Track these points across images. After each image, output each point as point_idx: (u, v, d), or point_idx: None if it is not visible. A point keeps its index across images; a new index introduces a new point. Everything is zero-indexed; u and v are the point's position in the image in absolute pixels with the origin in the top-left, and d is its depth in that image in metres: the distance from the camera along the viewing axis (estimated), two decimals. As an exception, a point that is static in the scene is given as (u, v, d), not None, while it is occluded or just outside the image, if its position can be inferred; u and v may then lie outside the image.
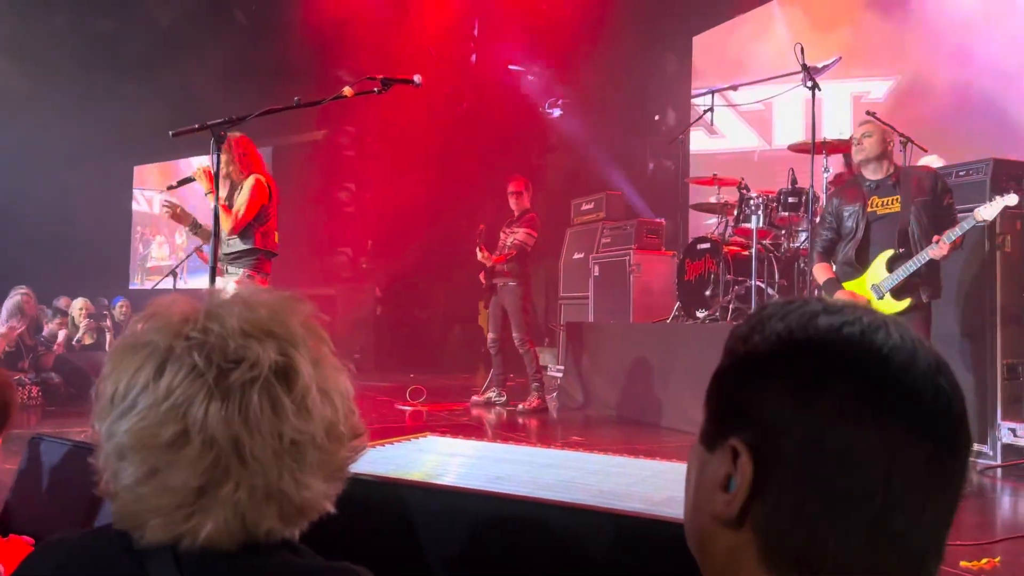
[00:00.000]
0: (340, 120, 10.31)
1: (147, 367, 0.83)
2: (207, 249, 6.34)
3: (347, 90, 3.66)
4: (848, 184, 4.39)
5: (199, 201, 4.78)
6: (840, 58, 6.09)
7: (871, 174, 4.17)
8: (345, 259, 10.61)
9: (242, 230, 4.52)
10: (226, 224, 4.48)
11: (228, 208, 4.54)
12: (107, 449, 0.84)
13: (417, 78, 3.70)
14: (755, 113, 8.49)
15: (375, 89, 3.67)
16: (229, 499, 0.81)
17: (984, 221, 3.89)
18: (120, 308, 9.29)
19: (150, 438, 0.81)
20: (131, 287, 12.39)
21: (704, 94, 6.83)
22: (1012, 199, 3.81)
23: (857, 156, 4.25)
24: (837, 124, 6.88)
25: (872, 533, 0.65)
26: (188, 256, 7.17)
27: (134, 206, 13.13)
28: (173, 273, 7.04)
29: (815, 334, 0.69)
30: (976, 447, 4.45)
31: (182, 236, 11.85)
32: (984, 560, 2.75)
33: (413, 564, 1.45)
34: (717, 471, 0.70)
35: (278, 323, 0.87)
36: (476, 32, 10.12)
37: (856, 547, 0.65)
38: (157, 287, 8.40)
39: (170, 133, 3.53)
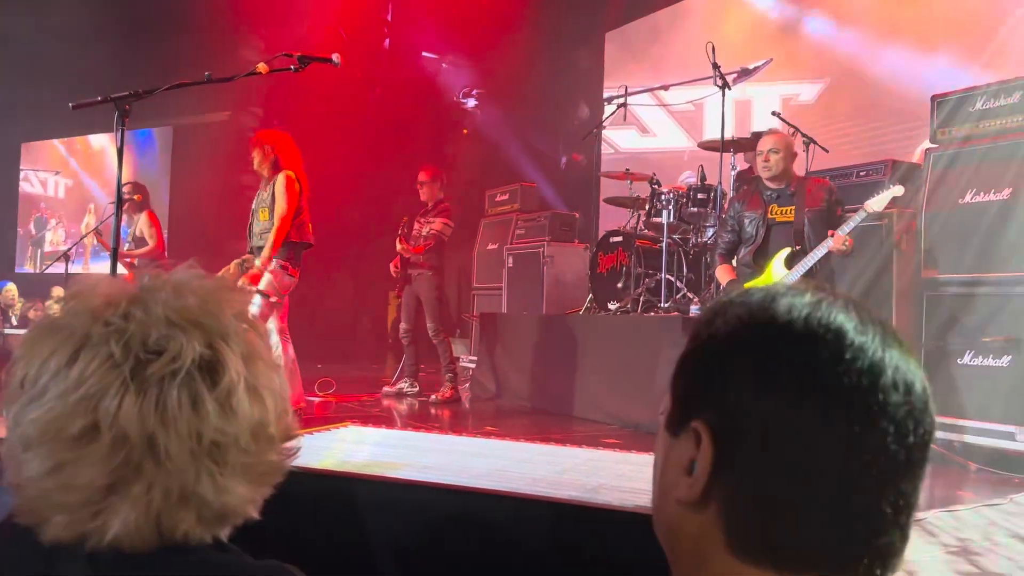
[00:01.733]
0: (246, 101, 9.97)
1: (61, 352, 0.76)
2: (127, 244, 6.13)
3: (262, 66, 3.55)
4: (750, 191, 4.62)
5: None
6: (771, 60, 6.28)
7: (772, 184, 4.45)
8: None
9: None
10: (272, 231, 4.79)
11: (265, 207, 4.90)
12: (12, 438, 0.76)
13: (336, 57, 3.61)
14: (686, 113, 8.66)
15: (291, 67, 3.57)
16: (141, 500, 0.75)
17: (874, 212, 4.21)
18: (7, 292, 8.77)
19: (57, 430, 0.74)
20: (19, 271, 11.68)
21: (617, 98, 6.91)
22: (899, 190, 4.18)
23: (764, 172, 4.48)
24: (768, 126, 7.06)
25: (831, 513, 0.65)
26: (82, 238, 6.81)
27: (25, 187, 12.37)
28: (66, 256, 6.66)
29: (775, 316, 0.70)
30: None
31: (91, 215, 11.26)
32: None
33: (344, 555, 1.39)
34: (682, 456, 0.70)
35: (208, 313, 0.80)
36: (390, 17, 9.96)
37: (816, 527, 0.65)
38: (46, 271, 7.94)
39: (70, 105, 3.32)
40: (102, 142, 11.29)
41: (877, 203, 4.18)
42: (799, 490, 0.65)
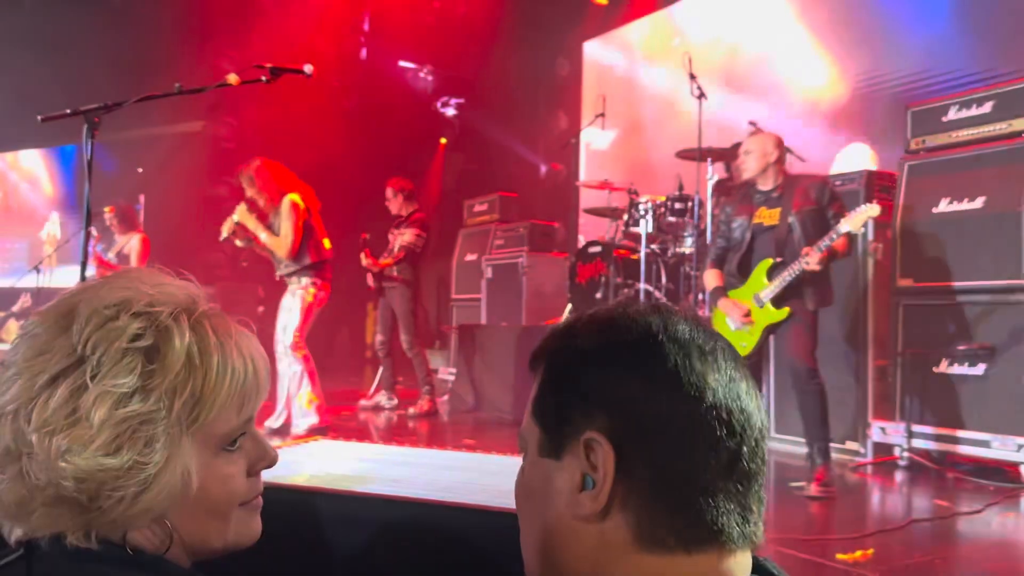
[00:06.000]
0: (220, 111, 9.89)
1: None
2: (98, 248, 6.08)
3: (232, 78, 3.49)
4: (740, 194, 4.39)
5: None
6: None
7: (761, 186, 4.17)
8: (224, 256, 10.15)
9: (297, 251, 4.95)
10: (281, 251, 4.93)
11: (274, 233, 4.97)
12: None
13: (308, 68, 3.56)
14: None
15: (263, 78, 3.52)
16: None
17: (848, 232, 3.81)
18: None
19: None
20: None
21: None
22: (875, 210, 3.81)
23: (743, 175, 4.28)
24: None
25: (723, 485, 0.70)
26: (56, 248, 6.71)
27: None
28: (36, 269, 6.59)
29: (634, 318, 0.75)
30: (850, 445, 4.68)
31: (54, 223, 11.10)
32: (858, 552, 2.86)
33: (306, 571, 1.36)
34: (572, 476, 0.72)
35: None
36: (367, 26, 9.93)
37: (717, 498, 0.70)
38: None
39: (39, 118, 3.26)
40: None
41: (852, 223, 3.79)
42: (695, 467, 0.69)
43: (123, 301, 0.79)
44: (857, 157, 6.59)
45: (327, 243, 5.15)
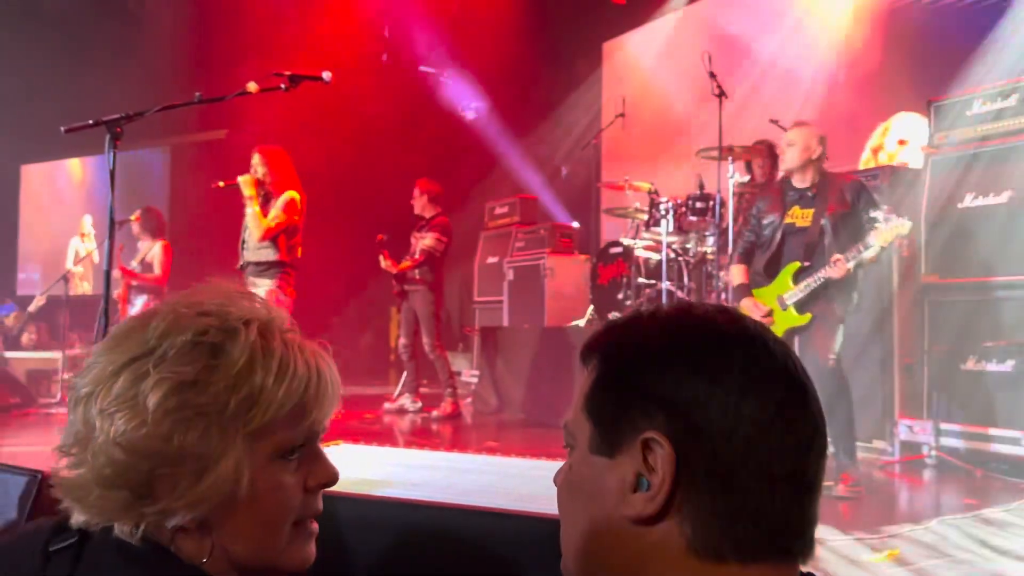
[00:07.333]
0: (242, 119, 9.98)
1: None
2: (133, 264, 6.18)
3: (252, 86, 3.53)
4: (774, 190, 4.21)
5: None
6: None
7: (797, 182, 4.01)
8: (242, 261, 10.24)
9: (270, 241, 4.94)
10: (257, 231, 4.93)
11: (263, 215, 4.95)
12: None
13: (326, 75, 3.59)
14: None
15: (282, 86, 3.56)
16: None
17: (882, 247, 3.69)
18: (14, 317, 8.75)
19: None
20: (20, 294, 11.68)
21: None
22: (905, 227, 3.68)
23: (782, 166, 4.15)
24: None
25: (788, 494, 0.68)
26: (82, 258, 6.81)
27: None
28: (64, 279, 6.68)
29: (702, 318, 0.73)
30: (876, 443, 4.63)
31: (83, 238, 11.24)
32: (887, 552, 2.84)
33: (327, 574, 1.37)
34: (624, 475, 0.70)
35: None
36: (387, 32, 9.98)
37: (777, 507, 0.67)
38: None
39: (62, 129, 3.31)
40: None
41: (882, 239, 3.65)
42: (760, 476, 0.67)
43: (199, 302, 0.83)
44: (913, 128, 6.34)
45: (299, 251, 5.13)
